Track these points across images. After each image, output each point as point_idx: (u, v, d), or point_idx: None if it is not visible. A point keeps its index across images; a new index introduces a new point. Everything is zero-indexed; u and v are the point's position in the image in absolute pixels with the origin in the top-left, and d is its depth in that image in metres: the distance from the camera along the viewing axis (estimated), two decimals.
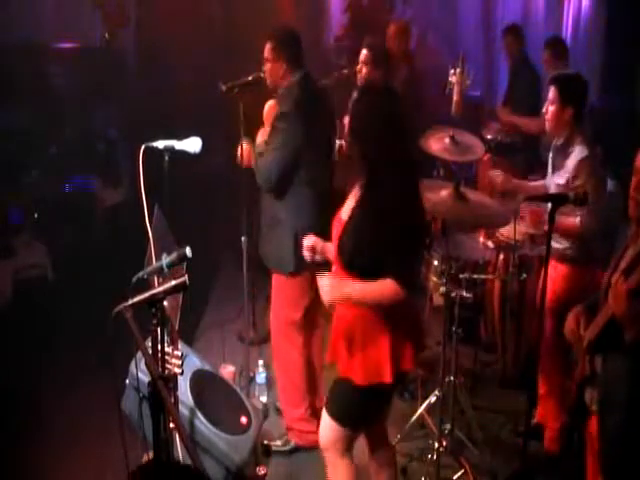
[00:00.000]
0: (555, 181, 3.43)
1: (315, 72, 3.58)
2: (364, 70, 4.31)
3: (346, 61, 6.32)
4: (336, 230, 2.64)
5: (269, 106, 3.46)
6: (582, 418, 2.70)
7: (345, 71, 4.58)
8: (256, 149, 3.46)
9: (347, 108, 2.58)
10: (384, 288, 2.48)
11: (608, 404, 2.47)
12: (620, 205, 2.74)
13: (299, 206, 3.37)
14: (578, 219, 3.27)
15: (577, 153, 3.33)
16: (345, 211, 2.65)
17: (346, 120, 2.66)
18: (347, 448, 2.76)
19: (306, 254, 2.78)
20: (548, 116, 3.42)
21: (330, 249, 2.70)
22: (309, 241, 2.78)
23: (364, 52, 4.34)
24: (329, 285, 2.53)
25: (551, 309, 3.42)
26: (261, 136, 3.48)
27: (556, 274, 3.42)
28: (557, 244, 3.39)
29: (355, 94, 2.55)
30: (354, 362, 2.60)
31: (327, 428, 2.76)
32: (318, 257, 2.79)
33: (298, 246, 2.93)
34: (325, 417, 2.76)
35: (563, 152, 3.43)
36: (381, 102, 2.54)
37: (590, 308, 2.63)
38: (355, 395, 2.65)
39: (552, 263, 3.39)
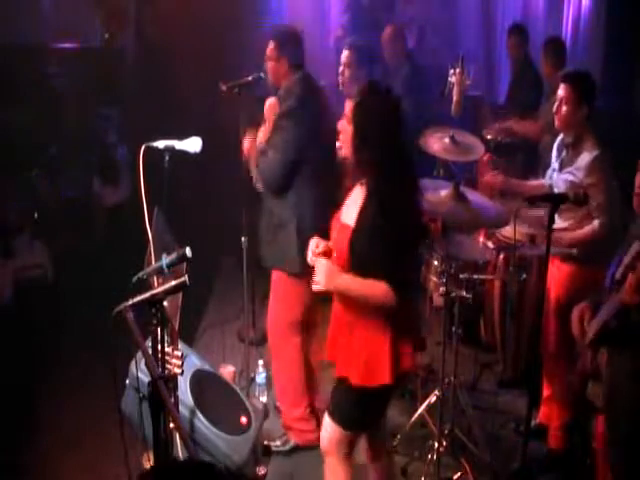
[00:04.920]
0: (564, 177, 3.35)
1: (315, 72, 3.57)
2: (346, 72, 4.16)
3: None
4: (339, 234, 2.59)
5: (269, 104, 3.44)
6: (585, 415, 2.70)
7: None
8: (257, 147, 3.45)
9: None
10: (375, 288, 2.46)
11: (614, 400, 2.46)
12: (619, 207, 2.74)
13: (304, 206, 3.36)
14: (596, 222, 3.22)
15: (588, 151, 3.27)
16: (348, 215, 2.58)
17: (340, 124, 2.59)
18: (348, 452, 2.75)
19: (311, 257, 2.71)
20: (561, 115, 3.32)
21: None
22: (314, 245, 2.72)
23: (346, 53, 4.20)
24: (324, 272, 2.52)
25: (555, 310, 3.41)
26: (262, 134, 3.45)
27: (559, 274, 3.40)
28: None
29: (355, 98, 2.51)
30: (352, 362, 2.58)
31: (328, 431, 2.75)
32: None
33: (304, 246, 2.90)
34: (326, 419, 2.75)
35: (573, 150, 3.35)
36: (383, 105, 2.51)
37: (594, 304, 2.64)
38: (354, 396, 2.63)
39: (555, 263, 3.38)
